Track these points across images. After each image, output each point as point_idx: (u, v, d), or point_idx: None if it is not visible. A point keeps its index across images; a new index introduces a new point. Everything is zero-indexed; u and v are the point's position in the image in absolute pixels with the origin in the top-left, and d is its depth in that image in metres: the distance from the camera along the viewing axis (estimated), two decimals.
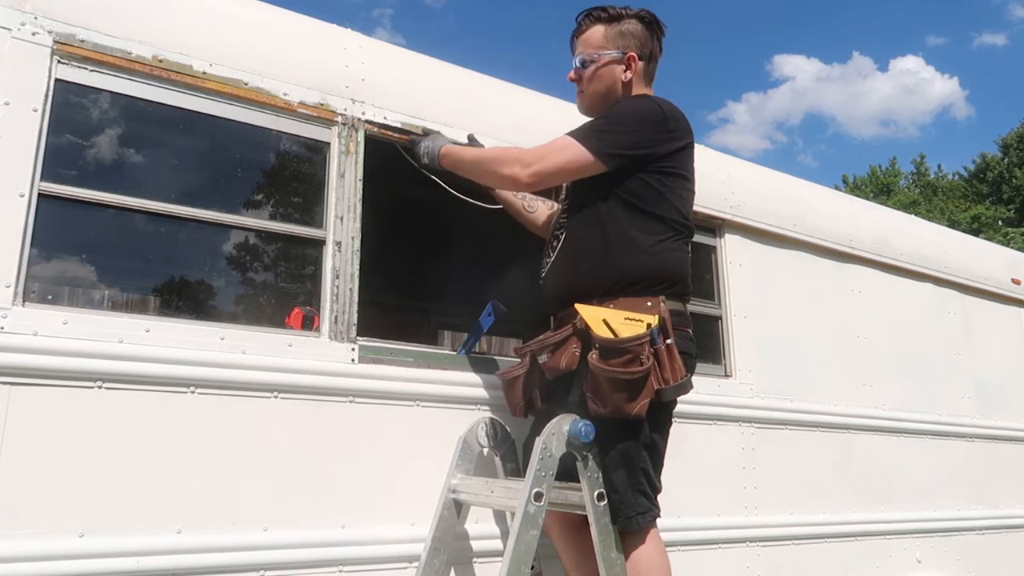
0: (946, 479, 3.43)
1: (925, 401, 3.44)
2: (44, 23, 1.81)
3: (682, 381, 1.87)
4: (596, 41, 2.11)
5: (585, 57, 2.12)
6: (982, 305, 3.86)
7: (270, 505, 1.87)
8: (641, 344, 1.82)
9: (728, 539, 2.65)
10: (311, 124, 2.15)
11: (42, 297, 1.75)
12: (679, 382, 1.86)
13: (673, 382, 1.85)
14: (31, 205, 1.73)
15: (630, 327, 1.85)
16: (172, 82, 1.96)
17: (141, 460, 1.75)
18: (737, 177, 3.08)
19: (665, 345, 1.86)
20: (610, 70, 2.10)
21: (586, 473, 1.83)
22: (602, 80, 2.11)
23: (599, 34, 2.11)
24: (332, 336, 2.04)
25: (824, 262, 3.24)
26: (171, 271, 2.03)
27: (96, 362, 1.72)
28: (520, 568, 1.73)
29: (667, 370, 1.85)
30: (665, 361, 1.85)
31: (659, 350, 1.85)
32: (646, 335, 1.83)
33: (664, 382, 1.84)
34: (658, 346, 1.85)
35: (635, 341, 1.82)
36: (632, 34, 2.11)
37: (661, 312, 1.90)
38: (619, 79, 2.11)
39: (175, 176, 2.02)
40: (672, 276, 2.00)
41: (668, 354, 1.86)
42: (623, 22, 2.11)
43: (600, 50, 2.10)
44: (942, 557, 3.28)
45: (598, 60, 2.10)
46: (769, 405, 2.87)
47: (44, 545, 1.61)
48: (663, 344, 1.85)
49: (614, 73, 2.10)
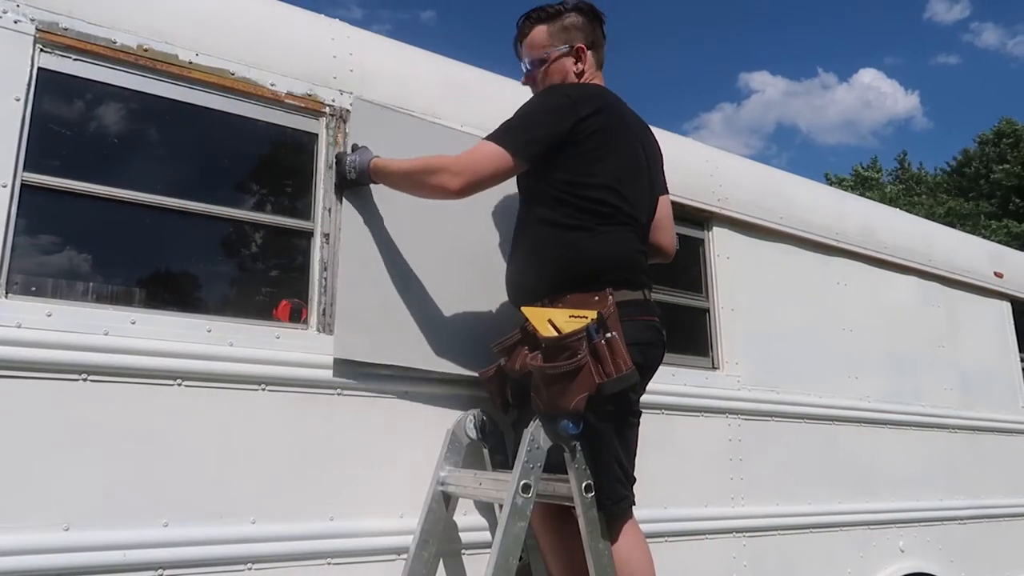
0: (929, 470, 3.47)
1: (909, 393, 3.47)
2: (27, 11, 1.78)
3: (625, 374, 1.82)
4: (541, 41, 2.16)
5: (534, 57, 2.17)
6: (965, 298, 3.90)
7: (257, 498, 1.86)
8: (579, 340, 1.81)
9: (715, 530, 2.67)
10: (298, 115, 2.13)
11: (25, 289, 1.73)
12: (622, 374, 1.81)
13: (616, 375, 1.81)
14: (14, 196, 1.71)
15: (574, 323, 1.84)
16: (157, 72, 1.93)
17: (127, 453, 1.73)
18: (725, 170, 3.09)
19: (605, 339, 1.82)
20: (560, 65, 2.15)
21: (573, 465, 1.84)
22: (554, 76, 2.15)
23: (543, 33, 2.16)
24: (320, 328, 2.03)
25: (810, 255, 3.27)
26: (157, 263, 2.02)
27: (81, 354, 1.71)
28: (508, 559, 1.74)
29: (608, 364, 1.81)
30: (605, 355, 1.81)
31: (597, 344, 1.81)
32: (582, 330, 1.81)
33: (605, 375, 1.81)
34: (596, 341, 1.81)
35: (573, 337, 1.81)
36: (575, 27, 2.15)
37: (606, 306, 1.87)
38: (571, 71, 2.15)
39: (160, 167, 2.00)
40: (616, 264, 1.98)
41: (609, 348, 1.82)
42: (564, 17, 2.16)
43: (548, 48, 2.15)
44: (925, 547, 3.33)
45: (549, 58, 2.15)
46: (756, 397, 2.89)
47: (29, 539, 1.60)
48: (601, 338, 1.82)
49: (565, 67, 2.15)
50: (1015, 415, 3.95)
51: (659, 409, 2.54)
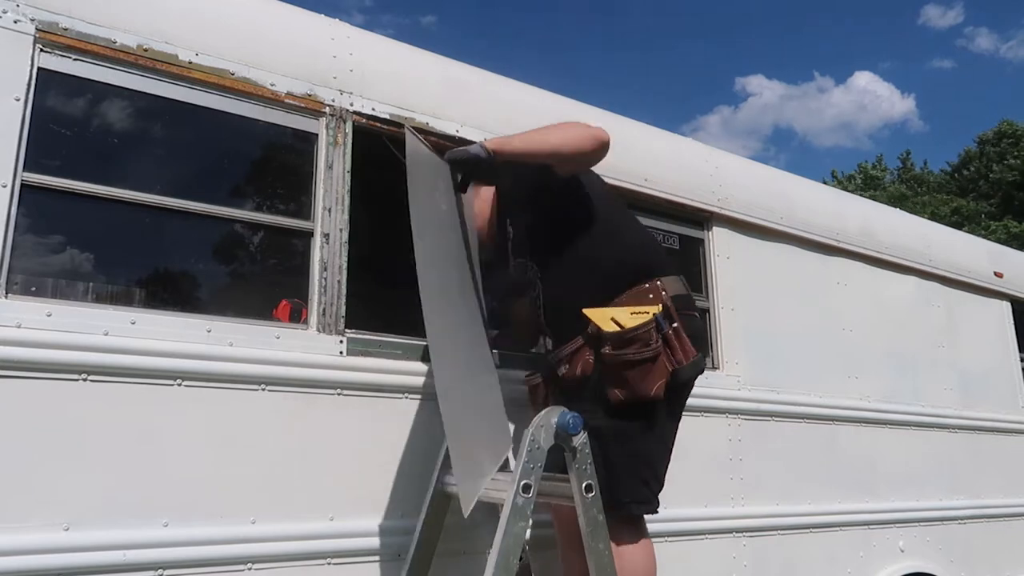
0: (929, 470, 3.47)
1: (909, 393, 3.47)
2: (27, 11, 1.78)
3: (695, 360, 1.95)
4: None
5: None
6: (965, 298, 3.90)
7: (257, 498, 1.86)
8: (648, 331, 1.90)
9: (715, 530, 2.67)
10: (298, 115, 2.13)
11: (25, 289, 1.73)
12: (692, 361, 1.94)
13: (686, 362, 1.92)
14: (14, 196, 1.71)
15: (637, 319, 1.93)
16: (157, 72, 1.93)
17: (127, 453, 1.73)
18: (725, 170, 3.09)
19: (672, 329, 1.93)
20: None
21: (575, 465, 1.83)
22: None
23: None
24: (320, 328, 2.03)
25: (810, 255, 3.26)
26: (157, 263, 2.01)
27: (81, 354, 1.71)
28: (508, 560, 1.73)
29: (678, 352, 1.92)
30: (675, 343, 1.92)
31: (667, 334, 1.92)
32: (651, 322, 1.90)
33: (678, 363, 1.92)
34: (665, 331, 1.91)
35: (641, 328, 1.90)
36: None
37: (663, 299, 1.97)
38: None
39: (160, 167, 2.00)
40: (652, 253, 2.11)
41: (676, 336, 1.93)
42: None
43: None
44: (925, 546, 3.33)
45: None
46: (756, 397, 2.89)
47: (29, 539, 1.60)
48: (669, 328, 1.92)
49: None
50: (1015, 415, 3.95)
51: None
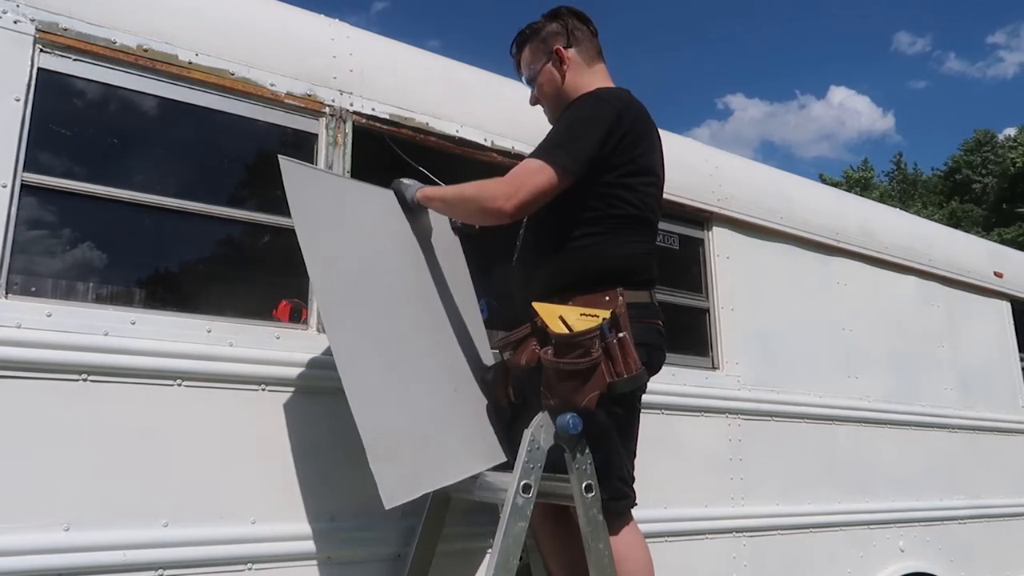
0: (929, 469, 3.47)
1: (909, 393, 3.47)
2: (27, 11, 1.78)
3: (636, 374, 1.86)
4: (529, 58, 2.23)
5: (528, 76, 2.23)
6: (965, 298, 3.90)
7: (258, 498, 1.86)
8: (592, 338, 1.83)
9: (715, 530, 2.67)
10: (298, 115, 2.13)
11: (25, 289, 1.73)
12: (633, 375, 1.85)
13: (627, 375, 1.85)
14: (13, 196, 1.71)
15: (585, 322, 1.86)
16: (157, 72, 1.93)
17: (127, 453, 1.73)
18: (725, 170, 3.09)
19: (617, 339, 1.85)
20: (548, 73, 2.19)
21: (574, 465, 1.83)
22: (547, 85, 2.20)
23: (530, 52, 2.23)
24: (320, 329, 2.03)
25: (810, 255, 3.26)
26: (157, 263, 2.02)
27: (81, 355, 1.71)
28: (508, 560, 1.73)
29: (619, 363, 1.85)
30: (617, 354, 1.85)
31: (609, 344, 1.84)
32: (596, 329, 1.84)
33: (616, 375, 1.84)
34: (608, 340, 1.84)
35: (587, 335, 1.84)
36: (552, 33, 2.21)
37: (617, 307, 1.90)
38: (558, 76, 2.19)
39: (160, 167, 2.00)
40: (628, 265, 2.01)
41: (620, 347, 1.85)
42: (542, 31, 2.22)
43: (535, 63, 2.21)
44: (925, 546, 3.33)
45: (538, 72, 2.20)
46: (756, 397, 2.89)
47: (29, 539, 1.60)
48: (614, 338, 1.85)
49: (551, 75, 2.19)
50: (1015, 415, 3.95)
51: (659, 409, 2.54)
